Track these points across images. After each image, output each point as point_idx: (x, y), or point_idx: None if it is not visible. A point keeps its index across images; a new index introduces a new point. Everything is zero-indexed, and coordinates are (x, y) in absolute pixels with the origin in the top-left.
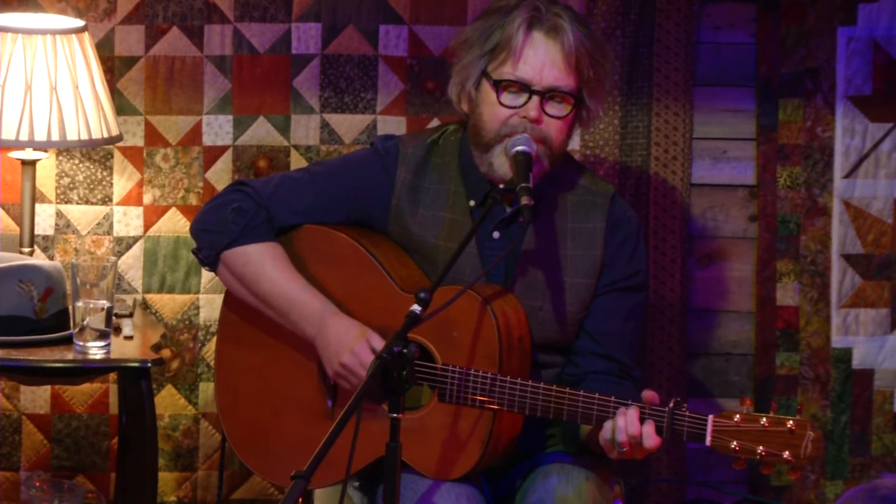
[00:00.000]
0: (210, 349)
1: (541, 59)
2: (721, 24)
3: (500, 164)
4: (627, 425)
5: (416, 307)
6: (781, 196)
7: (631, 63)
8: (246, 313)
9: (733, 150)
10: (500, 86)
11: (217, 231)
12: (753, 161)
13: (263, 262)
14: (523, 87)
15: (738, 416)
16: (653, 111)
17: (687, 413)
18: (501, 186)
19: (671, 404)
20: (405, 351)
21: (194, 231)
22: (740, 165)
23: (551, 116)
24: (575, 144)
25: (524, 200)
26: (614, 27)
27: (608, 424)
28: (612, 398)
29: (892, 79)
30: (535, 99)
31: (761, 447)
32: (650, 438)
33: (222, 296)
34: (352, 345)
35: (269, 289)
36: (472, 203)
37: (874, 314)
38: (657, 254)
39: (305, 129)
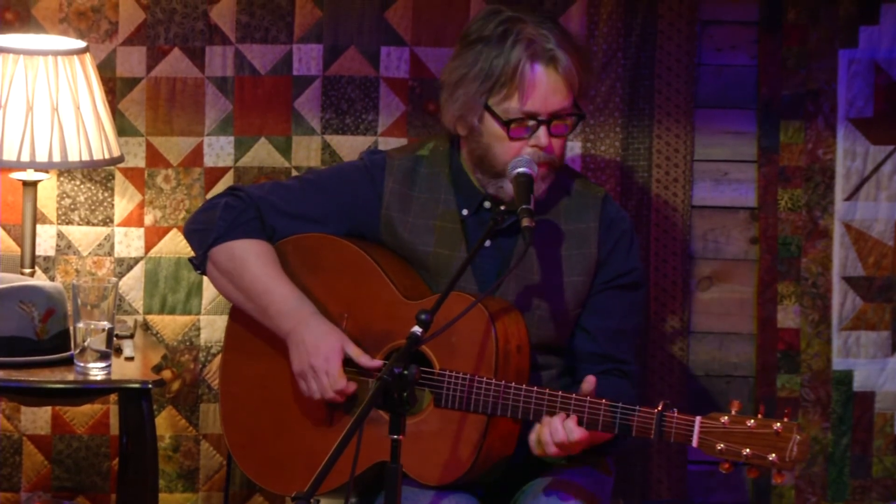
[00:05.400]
0: (211, 370)
1: (544, 91)
2: (722, 46)
3: (511, 189)
4: (552, 433)
5: (416, 329)
6: (782, 218)
7: (632, 85)
8: (250, 324)
9: (734, 172)
10: (509, 125)
11: (206, 229)
12: (754, 183)
13: (247, 258)
14: (530, 116)
15: (725, 418)
16: (654, 133)
17: (675, 415)
18: (503, 207)
19: (659, 407)
20: (406, 372)
21: (186, 232)
22: (741, 187)
23: (556, 136)
24: (576, 166)
25: (525, 222)
26: (616, 49)
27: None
28: (603, 401)
29: (894, 101)
30: (543, 128)
31: (747, 449)
32: (573, 432)
33: (223, 317)
34: (327, 352)
35: (250, 284)
36: (464, 213)
37: (875, 336)
38: (658, 275)
39: (307, 150)
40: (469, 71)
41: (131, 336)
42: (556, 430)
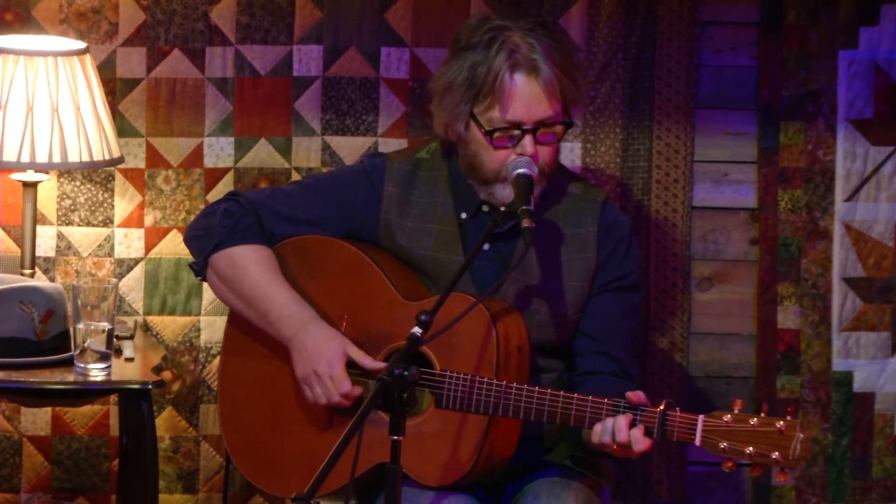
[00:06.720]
0: (211, 371)
1: (526, 99)
2: (722, 47)
3: (504, 194)
4: (615, 431)
5: (416, 329)
6: (782, 219)
7: (632, 86)
8: (249, 327)
9: (734, 173)
10: (492, 134)
11: (205, 235)
12: (754, 184)
13: (247, 264)
14: (514, 125)
15: (728, 416)
16: (654, 134)
17: (678, 414)
18: (503, 209)
19: (662, 406)
20: (406, 373)
21: (186, 239)
22: (741, 188)
23: (544, 144)
24: (576, 167)
25: (525, 223)
26: (616, 50)
27: (598, 427)
28: (606, 400)
29: (894, 102)
30: (528, 137)
31: (750, 447)
32: (640, 442)
33: (224, 318)
34: (330, 356)
35: (250, 290)
36: (463, 216)
37: (875, 337)
38: (658, 276)
39: (307, 151)
40: (455, 78)
41: (131, 337)
42: (620, 430)
